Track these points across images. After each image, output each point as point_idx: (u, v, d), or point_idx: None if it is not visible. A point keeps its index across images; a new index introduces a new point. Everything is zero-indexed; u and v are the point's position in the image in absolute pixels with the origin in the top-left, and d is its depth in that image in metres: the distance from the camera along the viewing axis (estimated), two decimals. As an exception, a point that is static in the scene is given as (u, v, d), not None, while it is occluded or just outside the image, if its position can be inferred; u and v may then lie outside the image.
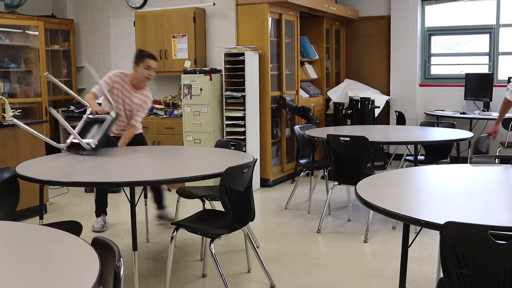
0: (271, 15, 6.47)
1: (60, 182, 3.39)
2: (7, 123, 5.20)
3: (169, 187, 6.36)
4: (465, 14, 7.87)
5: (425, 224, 2.21)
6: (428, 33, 8.18)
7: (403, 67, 8.15)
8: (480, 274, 2.01)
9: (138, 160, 3.99)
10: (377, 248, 4.39)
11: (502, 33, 7.65)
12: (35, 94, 7.27)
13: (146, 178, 3.40)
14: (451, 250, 2.04)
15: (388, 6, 8.23)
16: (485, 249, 1.98)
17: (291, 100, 7.02)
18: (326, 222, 5.12)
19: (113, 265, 1.77)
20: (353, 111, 7.52)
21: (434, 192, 2.91)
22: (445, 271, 2.09)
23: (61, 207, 5.83)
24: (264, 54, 6.41)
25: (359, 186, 2.82)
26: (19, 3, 7.32)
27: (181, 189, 4.29)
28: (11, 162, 4.58)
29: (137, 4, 7.52)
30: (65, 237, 2.12)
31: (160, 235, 4.84)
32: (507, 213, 2.42)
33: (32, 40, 7.23)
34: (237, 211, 3.27)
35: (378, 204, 2.45)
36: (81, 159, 3.91)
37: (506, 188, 2.96)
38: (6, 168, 3.29)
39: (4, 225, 2.43)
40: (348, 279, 3.77)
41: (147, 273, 4.00)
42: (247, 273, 3.91)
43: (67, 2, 8.05)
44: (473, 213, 2.45)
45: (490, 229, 1.97)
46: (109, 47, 7.86)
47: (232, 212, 3.23)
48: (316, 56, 7.88)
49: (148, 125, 6.76)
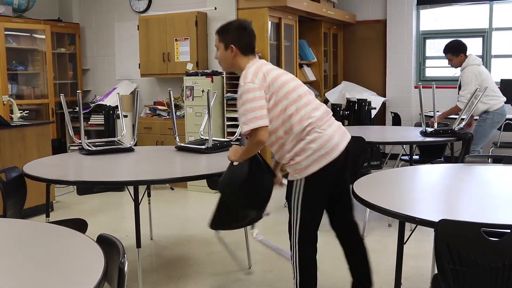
0: (271, 19, 6.51)
1: (66, 181, 3.43)
2: (15, 124, 5.27)
3: (172, 186, 6.51)
4: (459, 18, 7.95)
5: (420, 222, 2.22)
6: (423, 37, 8.26)
7: (398, 70, 8.20)
8: (473, 270, 2.02)
9: (141, 160, 3.99)
10: (374, 245, 4.37)
11: (495, 36, 7.76)
12: (42, 96, 7.31)
13: (149, 177, 3.41)
14: (445, 247, 2.04)
15: (384, 10, 8.30)
16: (478, 246, 1.99)
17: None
18: (323, 220, 4.88)
19: (117, 261, 1.76)
20: (350, 112, 7.53)
21: (429, 191, 2.93)
22: (439, 268, 2.09)
23: (67, 205, 5.84)
24: (264, 57, 6.39)
25: (356, 185, 2.84)
26: (27, 7, 7.35)
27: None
28: (18, 162, 4.58)
29: (141, 8, 7.60)
30: (71, 234, 2.14)
31: (163, 232, 4.86)
32: (500, 211, 2.42)
33: (39, 43, 7.27)
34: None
35: (375, 202, 2.47)
36: (86, 159, 3.91)
37: (498, 187, 2.99)
38: (14, 167, 3.32)
39: (12, 222, 2.47)
40: (346, 275, 3.64)
41: (151, 269, 4.04)
42: (247, 270, 3.94)
43: (73, 6, 8.09)
44: (467, 211, 2.48)
45: (483, 226, 1.99)
46: (114, 50, 7.92)
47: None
48: (314, 59, 7.94)
49: (151, 126, 6.88)
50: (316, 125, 2.88)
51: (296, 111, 2.88)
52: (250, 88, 2.84)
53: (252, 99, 2.83)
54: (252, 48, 3.05)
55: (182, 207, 5.92)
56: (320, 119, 2.91)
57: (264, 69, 2.94)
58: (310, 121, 2.88)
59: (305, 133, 2.87)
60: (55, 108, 7.33)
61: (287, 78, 2.98)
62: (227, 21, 3.12)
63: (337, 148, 2.90)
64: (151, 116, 7.20)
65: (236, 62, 3.02)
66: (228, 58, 3.04)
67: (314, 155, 2.86)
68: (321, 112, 2.96)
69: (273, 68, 3.03)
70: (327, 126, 2.92)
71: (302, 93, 2.96)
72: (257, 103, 2.83)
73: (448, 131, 4.93)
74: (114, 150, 4.17)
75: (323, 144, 2.86)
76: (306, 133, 2.87)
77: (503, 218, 2.33)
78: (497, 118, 5.86)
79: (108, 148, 4.16)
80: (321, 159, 2.86)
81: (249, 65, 2.97)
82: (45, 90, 7.29)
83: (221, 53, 3.06)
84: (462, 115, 5.07)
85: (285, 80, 2.95)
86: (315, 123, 2.88)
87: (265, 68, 2.95)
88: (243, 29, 3.04)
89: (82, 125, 4.13)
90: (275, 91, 2.89)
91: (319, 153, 2.86)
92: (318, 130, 2.87)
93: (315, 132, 2.87)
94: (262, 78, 2.88)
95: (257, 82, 2.86)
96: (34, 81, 7.40)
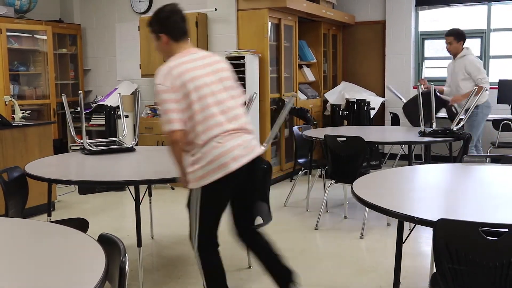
0: (271, 20, 6.53)
1: (67, 180, 3.45)
2: (17, 124, 5.28)
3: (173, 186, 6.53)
4: (457, 19, 7.96)
5: (419, 221, 2.22)
6: (422, 37, 8.29)
7: (397, 70, 8.23)
8: (472, 269, 2.03)
9: (142, 160, 4.00)
10: (373, 244, 4.44)
11: (493, 37, 7.80)
12: (44, 96, 7.33)
13: (150, 177, 3.41)
14: (444, 246, 2.05)
15: (383, 11, 8.33)
16: (476, 245, 2.00)
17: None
18: (323, 219, 5.16)
19: (118, 261, 1.77)
20: (350, 113, 7.55)
21: (428, 190, 2.94)
22: (438, 267, 2.11)
23: (69, 205, 5.84)
24: (264, 57, 6.47)
25: (355, 185, 2.84)
26: (28, 8, 7.37)
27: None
28: (20, 162, 4.60)
29: (142, 9, 7.63)
30: (73, 234, 2.14)
31: (164, 232, 4.87)
32: (498, 211, 2.43)
33: (41, 44, 7.30)
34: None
35: (374, 202, 2.47)
36: (88, 159, 3.93)
37: (496, 186, 3.01)
38: (16, 167, 3.32)
39: (13, 222, 2.48)
40: (345, 274, 3.79)
41: (152, 268, 4.05)
42: (247, 268, 3.97)
43: (74, 7, 8.12)
44: (465, 210, 2.49)
45: (482, 226, 1.99)
46: (115, 50, 7.95)
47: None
48: (314, 59, 7.97)
49: (152, 126, 6.90)
50: (216, 135, 2.79)
51: (203, 119, 2.79)
52: (161, 90, 2.77)
53: (164, 101, 2.76)
54: (181, 32, 2.93)
55: (182, 206, 5.72)
56: (223, 129, 2.81)
57: (178, 69, 2.81)
58: (212, 132, 2.79)
59: (204, 142, 2.78)
60: (56, 108, 7.35)
61: (199, 73, 2.83)
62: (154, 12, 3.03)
63: (236, 162, 2.80)
64: (152, 116, 7.22)
65: (171, 50, 2.93)
66: (163, 48, 2.96)
67: (209, 166, 2.78)
68: (228, 117, 2.84)
69: (190, 60, 2.87)
70: (229, 139, 2.81)
71: (211, 92, 2.82)
72: (169, 105, 2.75)
73: (446, 131, 4.96)
74: (115, 150, 4.19)
75: (218, 156, 2.78)
76: (205, 142, 2.78)
77: (501, 217, 2.35)
78: (486, 111, 6.04)
79: (109, 148, 4.18)
80: (217, 171, 2.78)
81: (171, 59, 2.87)
82: (46, 90, 7.31)
83: (156, 45, 3.00)
84: (460, 115, 5.10)
85: (195, 76, 2.81)
86: (216, 133, 2.79)
87: (179, 67, 2.82)
88: (167, 17, 2.94)
89: (83, 125, 4.16)
90: (187, 93, 2.78)
91: (214, 165, 2.78)
92: (218, 140, 2.79)
93: (213, 142, 2.78)
94: (174, 79, 2.78)
95: (168, 83, 2.77)
96: (36, 81, 7.42)
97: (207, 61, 2.95)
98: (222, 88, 2.91)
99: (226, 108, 2.87)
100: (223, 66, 3.00)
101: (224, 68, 2.99)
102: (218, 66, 2.97)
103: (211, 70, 2.91)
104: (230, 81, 2.98)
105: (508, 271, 1.98)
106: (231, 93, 2.95)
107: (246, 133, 2.93)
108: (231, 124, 2.85)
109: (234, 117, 2.89)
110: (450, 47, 6.00)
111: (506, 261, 1.98)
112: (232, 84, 3.00)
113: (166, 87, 2.77)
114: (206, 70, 2.89)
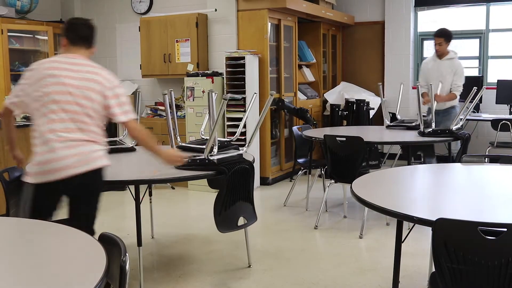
0: (271, 20, 6.56)
1: None
2: (18, 124, 5.33)
3: (173, 185, 6.56)
4: (456, 20, 7.99)
5: (417, 221, 2.22)
6: (421, 38, 8.32)
7: (396, 71, 8.25)
8: (470, 268, 2.04)
9: (142, 159, 4.01)
10: (372, 243, 4.47)
11: (491, 37, 7.82)
12: (44, 96, 7.36)
13: (150, 176, 3.42)
14: (442, 246, 2.06)
15: (382, 11, 8.35)
16: (475, 244, 2.01)
17: (290, 102, 7.10)
18: (323, 219, 5.18)
19: (119, 260, 1.77)
20: (349, 113, 7.58)
21: (426, 190, 2.96)
22: (437, 266, 2.11)
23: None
24: (263, 58, 6.50)
25: (355, 184, 2.84)
26: (29, 9, 7.39)
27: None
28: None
29: (142, 10, 7.64)
30: (73, 233, 2.14)
31: (164, 231, 4.89)
32: (497, 210, 2.45)
33: (42, 44, 7.32)
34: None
35: (373, 202, 2.47)
36: None
37: (495, 186, 3.02)
38: (16, 167, 3.33)
39: (14, 221, 2.50)
40: (344, 273, 3.81)
41: (152, 267, 4.07)
42: (247, 268, 3.97)
43: (75, 8, 8.14)
44: (464, 210, 2.49)
45: (480, 225, 2.00)
46: (115, 51, 7.97)
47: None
48: (313, 59, 8.00)
49: (152, 126, 6.91)
50: (52, 139, 2.82)
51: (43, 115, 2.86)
52: (24, 74, 2.98)
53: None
54: (79, 39, 3.10)
55: (182, 206, 5.96)
56: (60, 135, 2.83)
57: (42, 66, 2.97)
58: (48, 136, 2.82)
59: (41, 142, 2.84)
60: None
61: (52, 81, 2.91)
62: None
63: (63, 171, 2.81)
64: (152, 116, 7.24)
65: (69, 52, 3.09)
66: (65, 49, 3.13)
67: (36, 168, 2.84)
68: (67, 126, 2.87)
69: (52, 61, 3.03)
70: (64, 147, 2.82)
71: (57, 100, 2.86)
72: (19, 86, 2.97)
73: (445, 131, 4.98)
74: (115, 150, 4.22)
75: (47, 161, 2.81)
76: (43, 143, 2.83)
77: (500, 217, 2.36)
78: (458, 110, 6.04)
79: (110, 147, 4.18)
80: (41, 175, 2.82)
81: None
82: (47, 90, 7.30)
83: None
84: (460, 115, 5.12)
85: (49, 76, 2.91)
86: (52, 136, 2.82)
87: (44, 65, 2.97)
88: (71, 24, 3.15)
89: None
90: (40, 89, 2.89)
91: (42, 168, 2.81)
92: (52, 144, 2.82)
93: (47, 145, 2.81)
94: (34, 71, 2.95)
95: (28, 74, 2.95)
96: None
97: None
98: (67, 98, 2.98)
99: (60, 110, 2.93)
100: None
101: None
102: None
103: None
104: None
105: (506, 270, 1.99)
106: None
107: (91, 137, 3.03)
108: (65, 125, 2.93)
109: (72, 119, 2.98)
110: (440, 48, 6.02)
111: (504, 260, 1.98)
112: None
113: (27, 74, 2.97)
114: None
